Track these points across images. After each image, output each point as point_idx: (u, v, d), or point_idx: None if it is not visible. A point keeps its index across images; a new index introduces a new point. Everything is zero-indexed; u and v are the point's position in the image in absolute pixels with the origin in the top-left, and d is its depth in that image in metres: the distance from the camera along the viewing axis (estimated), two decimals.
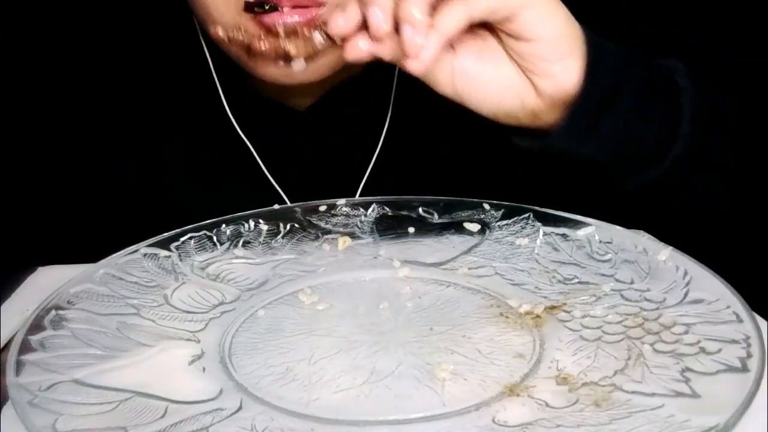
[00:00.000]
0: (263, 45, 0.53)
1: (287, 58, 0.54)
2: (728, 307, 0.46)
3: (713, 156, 0.60)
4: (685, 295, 0.49)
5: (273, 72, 0.60)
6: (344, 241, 0.60)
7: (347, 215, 0.63)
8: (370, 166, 0.71)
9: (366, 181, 0.71)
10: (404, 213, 0.63)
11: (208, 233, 0.59)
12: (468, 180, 0.70)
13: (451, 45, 0.53)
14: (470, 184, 0.68)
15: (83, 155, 0.71)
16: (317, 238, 0.60)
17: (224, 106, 0.70)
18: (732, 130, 0.61)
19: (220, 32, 0.55)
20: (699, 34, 0.63)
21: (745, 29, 0.80)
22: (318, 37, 0.52)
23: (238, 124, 0.70)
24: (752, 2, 0.75)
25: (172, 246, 0.57)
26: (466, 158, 0.72)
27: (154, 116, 0.71)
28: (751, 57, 0.67)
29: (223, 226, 0.60)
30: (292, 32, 0.53)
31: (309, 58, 0.54)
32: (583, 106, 0.54)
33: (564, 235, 0.58)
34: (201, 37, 0.70)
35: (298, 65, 0.54)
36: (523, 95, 0.54)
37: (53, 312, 0.48)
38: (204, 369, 0.45)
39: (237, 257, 0.58)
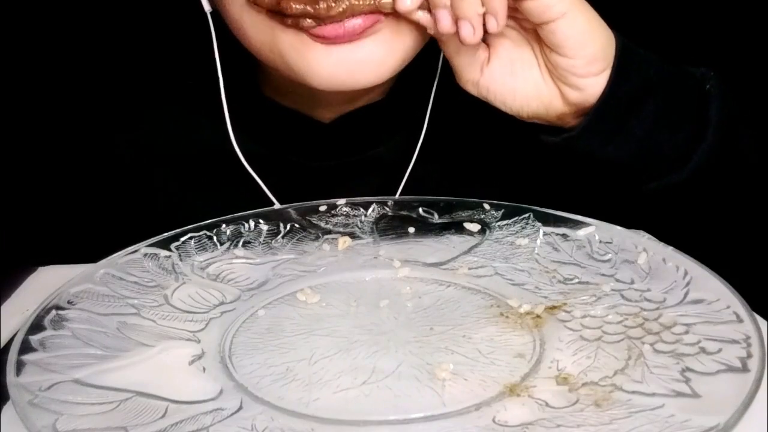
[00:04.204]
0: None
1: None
2: (728, 307, 0.46)
3: (735, 164, 0.60)
4: (685, 295, 0.49)
5: (330, 59, 0.56)
6: (344, 241, 0.60)
7: (347, 215, 0.63)
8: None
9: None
10: (404, 213, 0.63)
11: (208, 233, 0.59)
12: (471, 180, 0.70)
13: (486, 44, 0.57)
14: (473, 185, 0.68)
15: (84, 155, 0.71)
16: (317, 238, 0.60)
17: (224, 117, 0.65)
18: (755, 137, 0.62)
19: None
20: (657, 46, 0.63)
21: (710, 39, 0.82)
22: None
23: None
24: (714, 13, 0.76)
25: (173, 246, 0.57)
26: (467, 158, 0.71)
27: (159, 119, 0.70)
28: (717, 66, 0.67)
29: (223, 226, 0.60)
30: None
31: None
32: (607, 111, 0.56)
33: (564, 235, 0.58)
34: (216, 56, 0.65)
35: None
36: (548, 102, 0.57)
37: (53, 312, 0.48)
38: (204, 369, 0.45)
39: (237, 257, 0.58)
